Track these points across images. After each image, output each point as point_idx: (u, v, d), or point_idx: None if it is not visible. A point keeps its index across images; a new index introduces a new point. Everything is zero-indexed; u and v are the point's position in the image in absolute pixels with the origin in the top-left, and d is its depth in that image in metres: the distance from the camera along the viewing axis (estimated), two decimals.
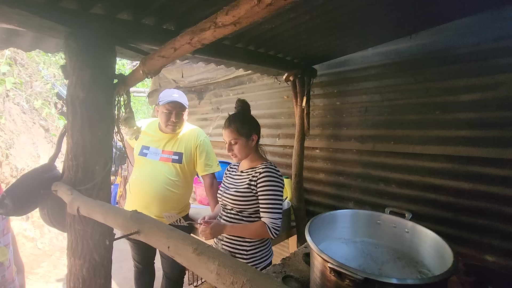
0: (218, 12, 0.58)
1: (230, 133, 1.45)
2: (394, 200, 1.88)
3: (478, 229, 1.54)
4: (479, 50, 1.51)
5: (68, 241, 0.98)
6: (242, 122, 1.47)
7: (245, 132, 1.45)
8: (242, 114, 1.53)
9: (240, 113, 1.53)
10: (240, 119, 1.47)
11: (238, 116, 1.50)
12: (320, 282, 0.77)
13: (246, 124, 1.47)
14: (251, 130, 1.48)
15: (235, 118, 1.48)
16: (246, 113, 1.56)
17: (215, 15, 0.59)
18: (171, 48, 0.70)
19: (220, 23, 0.57)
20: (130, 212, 0.58)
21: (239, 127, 1.44)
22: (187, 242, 0.43)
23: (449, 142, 1.62)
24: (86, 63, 0.88)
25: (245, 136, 1.46)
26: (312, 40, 1.64)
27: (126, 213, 0.57)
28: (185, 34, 0.65)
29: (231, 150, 1.47)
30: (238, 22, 0.55)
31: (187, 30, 0.65)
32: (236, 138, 1.44)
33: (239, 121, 1.46)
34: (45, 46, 1.33)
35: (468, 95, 1.55)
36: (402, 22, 1.55)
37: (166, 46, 0.72)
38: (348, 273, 0.63)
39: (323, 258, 0.72)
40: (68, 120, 0.92)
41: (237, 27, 0.56)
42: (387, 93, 1.88)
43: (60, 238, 3.79)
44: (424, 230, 0.85)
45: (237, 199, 1.44)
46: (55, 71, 5.00)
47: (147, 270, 2.29)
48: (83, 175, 0.93)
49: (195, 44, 0.65)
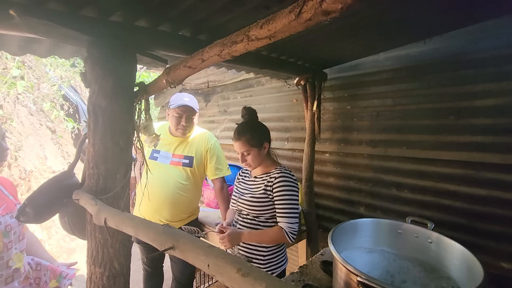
0: (251, 25, 0.58)
1: (242, 146, 1.44)
2: (406, 206, 1.87)
3: (494, 236, 1.52)
4: (494, 55, 1.50)
5: (88, 249, 0.99)
6: (252, 132, 1.45)
7: (256, 142, 1.44)
8: (250, 124, 1.50)
9: (249, 123, 1.51)
10: (249, 130, 1.45)
11: (247, 126, 1.48)
12: None
13: (256, 134, 1.45)
14: (262, 139, 1.47)
15: (244, 129, 1.46)
16: (254, 121, 1.55)
17: (247, 28, 0.58)
18: (199, 59, 0.69)
19: (254, 37, 0.57)
20: (162, 226, 0.58)
21: (250, 138, 1.43)
22: (229, 261, 0.43)
23: (464, 147, 1.61)
24: (108, 72, 0.88)
25: (257, 146, 1.44)
26: (325, 44, 1.64)
27: (158, 228, 0.57)
28: (214, 46, 0.65)
29: (245, 161, 1.46)
30: (273, 36, 0.54)
31: (216, 41, 0.65)
32: (248, 149, 1.43)
33: (248, 132, 1.44)
34: (61, 52, 1.33)
35: (483, 100, 1.54)
36: (417, 27, 1.54)
37: (193, 56, 0.72)
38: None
39: (350, 271, 0.71)
40: (89, 129, 0.92)
41: (272, 41, 0.56)
42: (400, 97, 1.87)
43: (67, 240, 3.80)
44: (450, 241, 0.84)
45: (253, 205, 1.44)
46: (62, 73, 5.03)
47: (156, 273, 2.29)
48: (104, 183, 0.93)
49: (225, 56, 0.64)
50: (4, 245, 1.15)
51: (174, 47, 1.24)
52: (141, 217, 0.64)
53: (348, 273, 0.76)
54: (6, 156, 1.15)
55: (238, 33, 0.60)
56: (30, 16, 0.69)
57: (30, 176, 3.65)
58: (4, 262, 1.16)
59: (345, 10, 0.45)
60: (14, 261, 1.21)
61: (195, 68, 0.73)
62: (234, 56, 0.64)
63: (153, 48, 1.16)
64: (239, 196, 1.54)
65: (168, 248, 0.52)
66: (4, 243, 1.15)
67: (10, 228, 1.18)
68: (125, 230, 0.65)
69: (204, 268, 0.46)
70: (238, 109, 3.19)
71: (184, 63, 0.75)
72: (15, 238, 1.21)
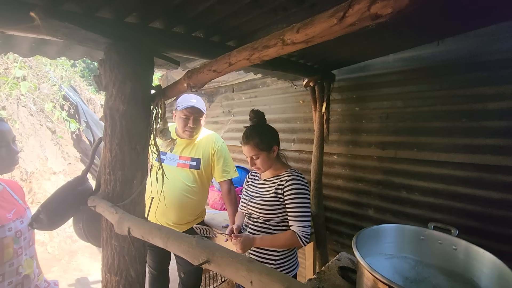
0: (286, 29, 0.55)
1: (251, 149, 1.42)
2: (417, 208, 1.85)
3: (508, 240, 1.51)
4: (508, 57, 1.49)
5: (104, 256, 0.96)
6: (261, 136, 1.43)
7: (265, 146, 1.42)
8: (259, 127, 1.49)
9: (257, 126, 1.49)
10: (258, 133, 1.43)
11: (255, 129, 1.46)
12: None
13: (265, 137, 1.44)
14: (271, 142, 1.45)
15: (253, 133, 1.44)
16: (263, 124, 1.53)
17: (282, 31, 0.56)
18: (226, 63, 0.67)
19: (289, 41, 0.54)
20: (194, 238, 0.55)
21: (259, 142, 1.41)
22: (275, 278, 0.40)
23: (477, 150, 1.59)
24: (127, 75, 0.85)
25: (266, 150, 1.43)
26: (337, 45, 1.62)
27: (191, 240, 0.55)
28: (243, 50, 0.63)
29: (254, 165, 1.45)
30: (310, 40, 0.52)
31: (246, 45, 0.63)
32: (257, 153, 1.42)
33: (257, 135, 1.42)
34: (71, 53, 1.30)
35: (496, 103, 1.53)
36: (429, 29, 1.53)
37: (219, 60, 0.69)
38: None
39: (382, 281, 0.69)
40: (106, 134, 0.90)
41: (308, 45, 0.54)
42: (410, 99, 1.85)
43: (69, 242, 3.76)
44: (478, 249, 0.82)
45: (264, 208, 1.42)
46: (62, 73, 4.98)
47: (162, 276, 2.27)
48: (122, 190, 0.91)
49: (254, 61, 0.62)
50: (14, 251, 1.12)
51: (188, 49, 1.22)
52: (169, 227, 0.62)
53: (376, 282, 0.74)
54: (17, 160, 1.12)
55: (270, 37, 0.58)
56: (52, 18, 0.66)
57: (31, 178, 3.61)
58: (14, 269, 1.13)
59: (395, 15, 0.43)
60: (24, 267, 1.18)
61: (221, 72, 0.71)
62: (263, 60, 0.62)
63: (168, 50, 1.14)
64: (249, 200, 1.52)
65: (203, 262, 0.50)
66: (14, 249, 1.12)
67: (20, 233, 1.15)
68: (153, 241, 0.62)
69: (246, 285, 0.44)
70: (243, 110, 3.19)
71: (208, 66, 0.73)
72: (25, 244, 1.18)
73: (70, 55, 1.31)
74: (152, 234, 0.62)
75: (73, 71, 5.68)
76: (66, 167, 4.63)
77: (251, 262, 0.46)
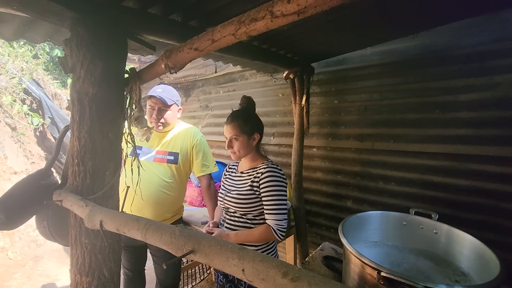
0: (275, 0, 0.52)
1: (232, 129, 1.39)
2: (393, 198, 1.91)
3: (476, 225, 1.59)
4: (478, 51, 1.56)
5: (73, 256, 0.87)
6: (245, 119, 1.41)
7: (247, 130, 1.40)
8: (246, 111, 1.47)
9: (244, 110, 1.47)
10: (243, 116, 1.42)
11: (241, 112, 1.45)
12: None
13: (249, 122, 1.42)
14: (254, 129, 1.43)
15: (238, 114, 1.42)
16: (251, 110, 1.51)
17: (271, 3, 0.52)
18: (208, 39, 0.62)
19: (279, 13, 0.51)
20: (177, 227, 0.50)
21: (242, 124, 1.39)
22: (271, 264, 0.37)
23: (449, 140, 1.66)
24: (97, 54, 0.77)
25: (247, 134, 1.40)
26: (317, 37, 1.61)
27: (173, 229, 0.49)
28: (228, 24, 0.58)
29: (231, 147, 1.41)
30: (302, 11, 0.49)
31: (231, 19, 0.58)
32: (238, 135, 1.39)
33: (242, 118, 1.41)
34: (31, 35, 1.17)
35: (467, 95, 1.60)
36: (406, 22, 1.56)
37: (201, 37, 0.64)
38: (406, 282, 0.59)
39: (370, 266, 0.68)
40: (73, 120, 0.81)
41: (300, 17, 0.50)
42: (387, 92, 1.90)
43: (33, 246, 3.49)
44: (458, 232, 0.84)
45: (240, 202, 1.37)
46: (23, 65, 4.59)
47: (137, 277, 2.15)
48: (92, 182, 0.82)
49: (240, 36, 0.58)
50: None
51: (164, 33, 1.14)
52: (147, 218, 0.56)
53: (364, 268, 0.73)
54: None
55: (258, 9, 0.54)
56: None
57: None
58: None
59: None
60: None
61: (202, 51, 0.65)
62: (251, 36, 0.58)
63: (142, 33, 1.05)
64: (226, 193, 1.47)
65: (188, 252, 0.45)
66: None
67: None
68: (129, 233, 0.56)
69: (237, 274, 0.40)
70: (221, 104, 3.12)
71: (189, 44, 0.67)
72: None
73: (30, 36, 1.18)
74: (128, 225, 0.56)
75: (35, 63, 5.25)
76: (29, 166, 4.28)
77: (243, 249, 0.42)
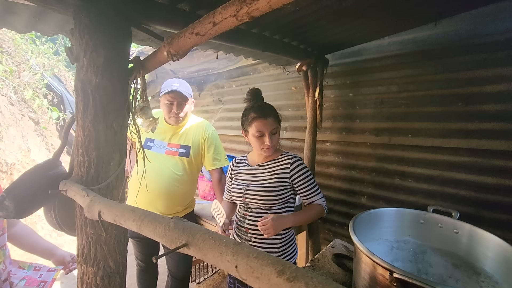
0: None
1: (273, 122, 1.35)
2: (410, 195, 1.82)
3: (502, 225, 1.49)
4: (506, 38, 1.44)
5: (79, 246, 0.87)
6: (275, 110, 1.40)
7: (280, 120, 1.41)
8: (267, 103, 1.44)
9: (266, 103, 1.45)
10: (272, 108, 1.40)
11: (269, 105, 1.42)
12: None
13: (277, 113, 1.41)
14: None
15: (269, 107, 1.40)
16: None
17: None
18: (209, 23, 0.58)
19: None
20: (172, 219, 0.48)
21: (277, 116, 1.39)
22: (266, 262, 0.34)
23: (472, 135, 1.56)
24: (100, 43, 0.75)
25: (280, 125, 1.41)
26: (331, 26, 1.54)
27: (168, 221, 0.47)
28: (229, 5, 0.54)
29: (270, 142, 1.33)
30: None
31: None
32: (277, 127, 1.37)
33: (273, 109, 1.39)
34: (42, 27, 1.18)
35: (494, 86, 1.49)
36: (427, 8, 1.46)
37: (202, 20, 0.61)
38: (421, 285, 0.54)
39: (382, 266, 0.63)
40: (77, 110, 0.80)
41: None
42: (405, 84, 1.80)
43: (54, 235, 3.63)
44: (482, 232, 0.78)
45: (266, 194, 1.33)
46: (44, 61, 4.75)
47: (150, 268, 2.19)
48: (96, 172, 0.82)
49: (242, 17, 0.54)
50: None
51: (171, 22, 1.12)
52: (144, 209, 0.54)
53: (376, 267, 0.68)
54: None
55: None
56: None
57: (13, 169, 3.45)
58: None
59: None
60: None
61: (204, 35, 0.62)
62: (253, 17, 0.54)
63: (148, 22, 1.03)
64: (245, 188, 1.41)
65: (181, 246, 0.42)
66: None
67: None
68: (125, 224, 0.54)
69: (230, 270, 0.37)
70: (233, 98, 3.10)
71: (190, 29, 0.64)
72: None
73: (42, 28, 1.19)
74: (124, 216, 0.54)
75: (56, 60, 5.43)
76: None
77: (238, 245, 0.38)
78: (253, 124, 1.34)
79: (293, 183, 1.36)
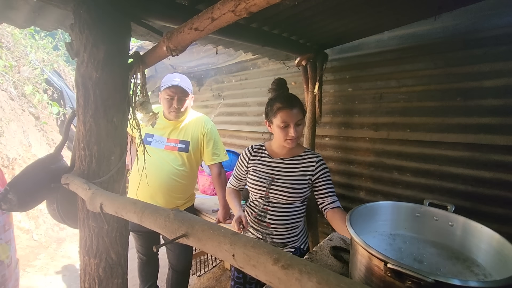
0: None
1: (299, 113, 1.30)
2: (408, 189, 1.84)
3: (498, 219, 1.51)
4: (506, 33, 1.44)
5: (81, 238, 0.89)
6: (300, 101, 1.35)
7: (305, 112, 1.38)
8: (292, 94, 1.41)
9: (290, 93, 1.42)
10: (298, 99, 1.36)
11: (292, 95, 1.39)
12: (369, 283, 0.71)
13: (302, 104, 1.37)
14: None
15: (295, 97, 1.36)
16: None
17: None
18: (208, 18, 0.59)
19: None
20: (172, 211, 0.49)
21: (302, 107, 1.35)
22: (262, 250, 0.35)
23: (470, 129, 1.57)
24: (100, 38, 0.76)
25: (305, 116, 1.38)
26: (331, 20, 1.54)
27: (168, 213, 0.48)
28: (228, 0, 0.55)
29: (295, 133, 1.29)
30: None
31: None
32: (302, 118, 1.33)
33: (299, 100, 1.35)
34: (41, 22, 1.19)
35: (493, 80, 1.49)
36: (427, 2, 1.46)
37: (201, 16, 0.61)
38: (414, 275, 0.56)
39: (377, 257, 0.65)
40: (78, 105, 0.81)
41: None
42: (404, 79, 1.81)
43: (56, 229, 3.67)
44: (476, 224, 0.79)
45: (292, 191, 1.33)
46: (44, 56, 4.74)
47: (151, 261, 2.22)
48: (98, 166, 0.83)
49: (240, 13, 0.55)
50: None
51: (170, 17, 1.12)
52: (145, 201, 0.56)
53: (371, 259, 0.70)
54: None
55: None
56: None
57: (14, 164, 3.47)
58: None
59: None
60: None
61: (203, 31, 0.63)
62: (251, 12, 0.54)
63: (147, 17, 1.04)
64: (270, 182, 1.36)
65: (180, 236, 0.44)
66: None
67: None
68: (127, 216, 0.56)
69: (228, 259, 0.39)
70: (233, 93, 3.10)
71: (189, 25, 0.65)
72: None
73: (41, 23, 1.19)
74: (126, 209, 0.56)
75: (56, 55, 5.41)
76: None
77: (235, 235, 0.40)
78: (279, 114, 1.29)
79: (315, 182, 1.36)
